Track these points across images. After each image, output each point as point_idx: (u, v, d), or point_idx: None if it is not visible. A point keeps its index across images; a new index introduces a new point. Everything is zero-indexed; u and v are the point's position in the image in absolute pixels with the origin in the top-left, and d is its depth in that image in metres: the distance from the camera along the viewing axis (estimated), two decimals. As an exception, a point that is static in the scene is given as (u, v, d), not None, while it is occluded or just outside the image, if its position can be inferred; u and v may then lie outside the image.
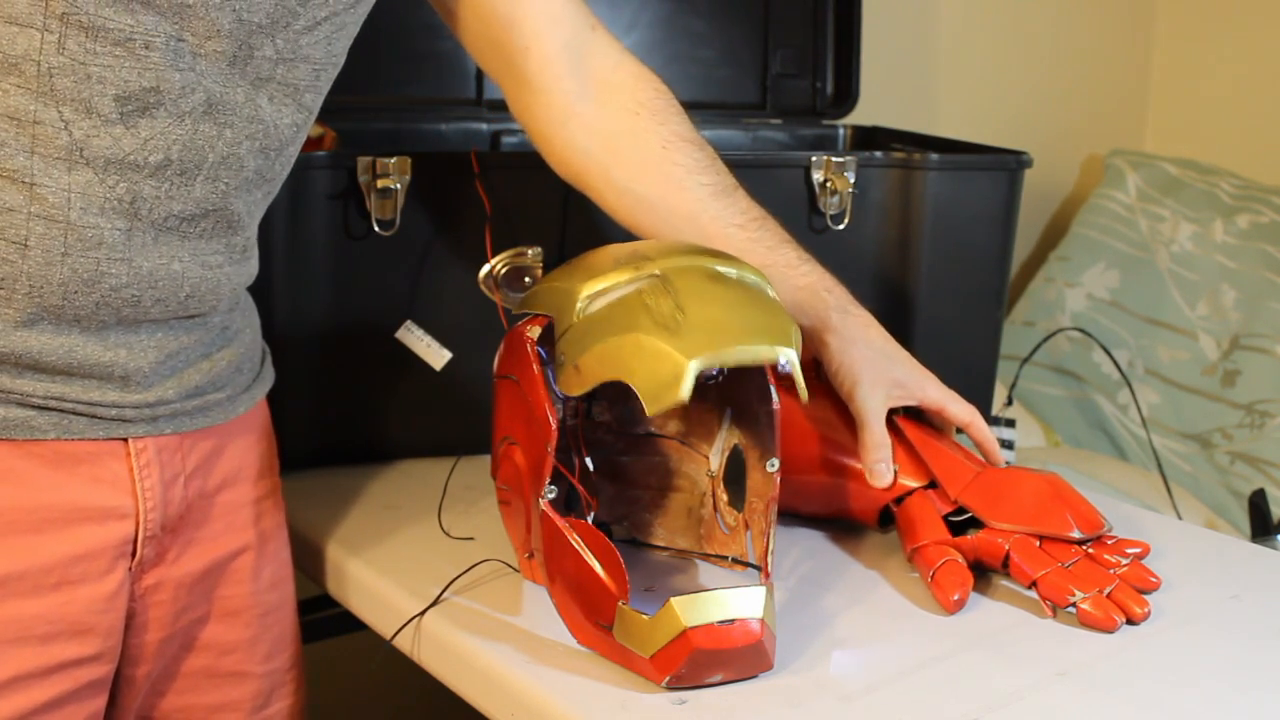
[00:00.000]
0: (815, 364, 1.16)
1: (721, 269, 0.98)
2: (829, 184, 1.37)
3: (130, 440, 0.94)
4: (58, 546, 0.90)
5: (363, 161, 1.25)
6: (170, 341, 0.94)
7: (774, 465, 1.02)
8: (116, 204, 0.86)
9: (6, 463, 0.89)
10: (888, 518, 1.14)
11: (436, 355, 1.32)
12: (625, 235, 1.33)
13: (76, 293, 0.87)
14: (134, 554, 0.95)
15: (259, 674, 1.07)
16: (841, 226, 1.39)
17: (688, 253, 0.98)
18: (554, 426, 0.96)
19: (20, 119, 0.82)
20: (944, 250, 1.41)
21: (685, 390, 0.88)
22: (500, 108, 1.70)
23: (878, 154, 1.42)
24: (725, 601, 0.90)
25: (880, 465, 1.09)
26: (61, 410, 0.90)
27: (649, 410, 0.89)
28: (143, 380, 0.93)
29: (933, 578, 1.04)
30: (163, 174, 0.88)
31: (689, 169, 1.11)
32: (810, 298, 1.11)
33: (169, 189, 0.88)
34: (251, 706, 1.07)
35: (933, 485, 1.11)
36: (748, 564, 1.09)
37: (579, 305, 0.95)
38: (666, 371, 0.89)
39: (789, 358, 0.92)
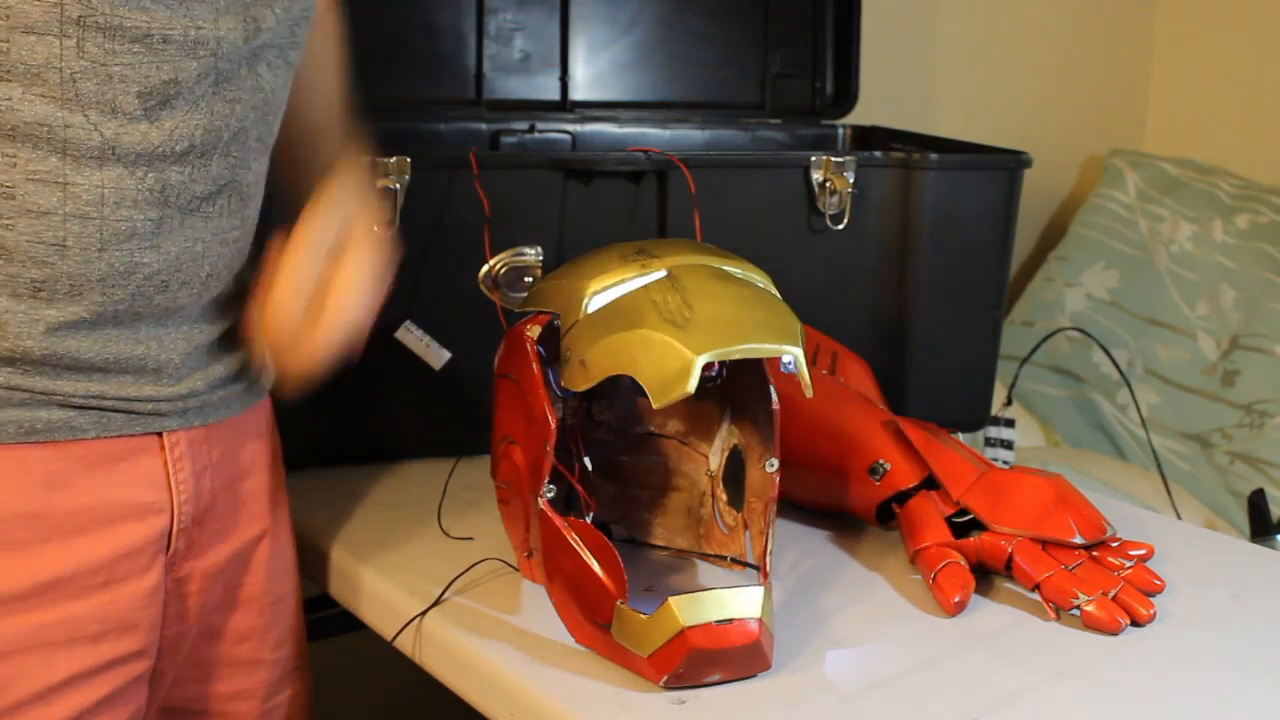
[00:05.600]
0: (817, 356, 1.16)
1: (728, 268, 0.98)
2: (828, 184, 1.37)
3: (165, 434, 0.95)
4: (103, 546, 0.91)
5: (362, 161, 1.25)
6: (196, 334, 0.95)
7: (773, 465, 1.03)
8: (148, 194, 0.88)
9: (50, 466, 0.89)
10: (886, 513, 1.14)
11: (436, 355, 1.32)
12: (625, 235, 1.33)
13: (114, 286, 0.88)
14: (168, 547, 0.96)
15: (270, 661, 1.08)
16: (841, 226, 1.39)
17: (694, 251, 0.99)
18: (553, 426, 0.96)
19: (51, 125, 0.83)
20: (944, 250, 1.41)
21: (692, 384, 0.88)
22: (500, 108, 1.71)
23: (877, 154, 1.42)
24: (723, 601, 0.90)
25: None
26: (101, 409, 0.91)
27: (655, 403, 0.89)
28: (174, 372, 0.94)
29: (934, 580, 1.04)
30: (186, 159, 0.89)
31: None
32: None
33: (192, 172, 0.90)
34: (265, 694, 1.09)
35: (935, 486, 1.11)
36: (746, 564, 1.09)
37: (585, 301, 0.95)
38: (673, 366, 0.89)
39: (794, 355, 0.92)
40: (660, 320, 0.91)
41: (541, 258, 1.29)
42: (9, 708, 0.88)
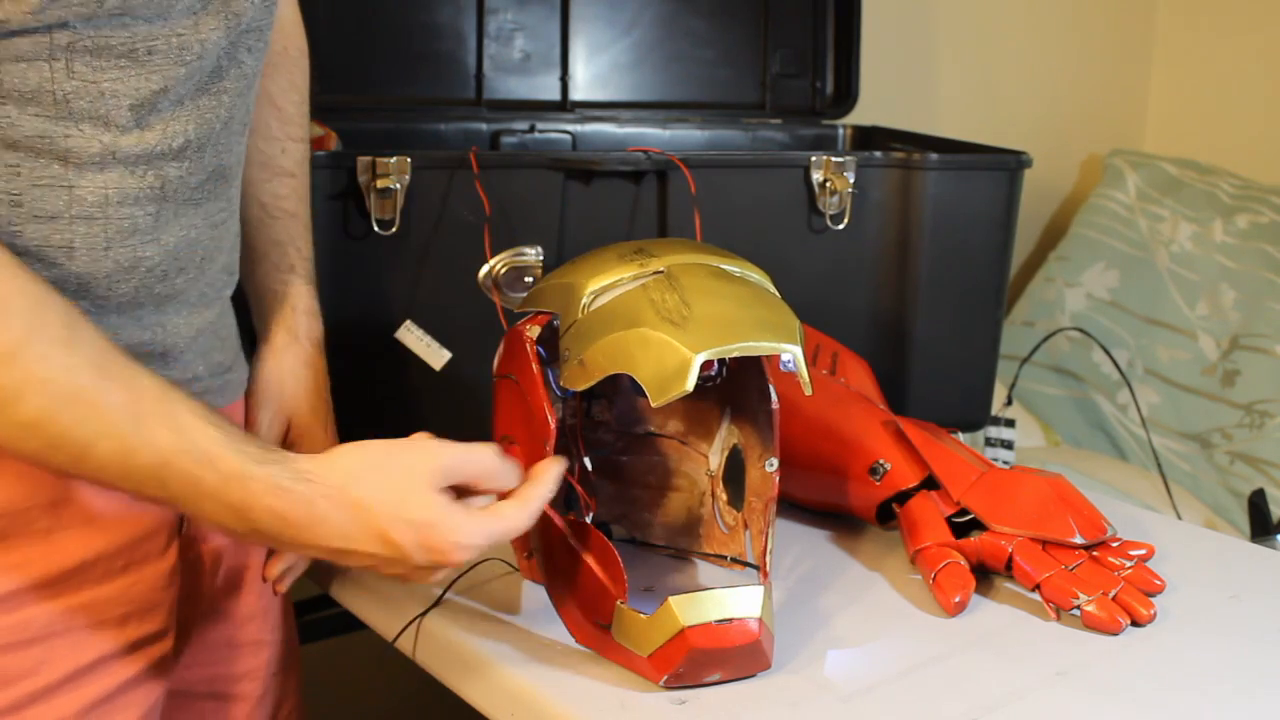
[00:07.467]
0: (817, 355, 1.16)
1: (726, 267, 0.98)
2: (829, 184, 1.37)
3: None
4: (122, 530, 0.93)
5: (362, 161, 1.25)
6: (195, 317, 0.97)
7: (773, 465, 1.03)
8: (148, 191, 0.89)
9: None
10: (886, 514, 1.14)
11: (436, 355, 1.32)
12: (625, 235, 1.33)
13: (119, 281, 0.89)
14: (180, 529, 0.98)
15: (271, 641, 1.11)
16: (841, 226, 1.39)
17: (692, 250, 0.99)
18: (553, 426, 0.96)
19: (51, 137, 0.84)
20: (944, 250, 1.41)
21: (690, 382, 0.88)
22: (500, 107, 1.71)
23: (877, 154, 1.42)
24: (723, 601, 0.90)
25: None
26: None
27: (654, 401, 0.89)
28: (179, 356, 0.95)
29: (934, 580, 1.04)
30: (184, 154, 0.90)
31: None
32: (281, 304, 1.13)
33: (189, 166, 0.91)
34: (268, 673, 1.11)
35: (935, 486, 1.11)
36: (746, 563, 1.09)
37: (583, 301, 0.95)
38: (672, 364, 0.89)
39: (793, 354, 0.92)
40: (658, 319, 0.91)
41: (541, 258, 1.29)
42: (40, 691, 0.88)
